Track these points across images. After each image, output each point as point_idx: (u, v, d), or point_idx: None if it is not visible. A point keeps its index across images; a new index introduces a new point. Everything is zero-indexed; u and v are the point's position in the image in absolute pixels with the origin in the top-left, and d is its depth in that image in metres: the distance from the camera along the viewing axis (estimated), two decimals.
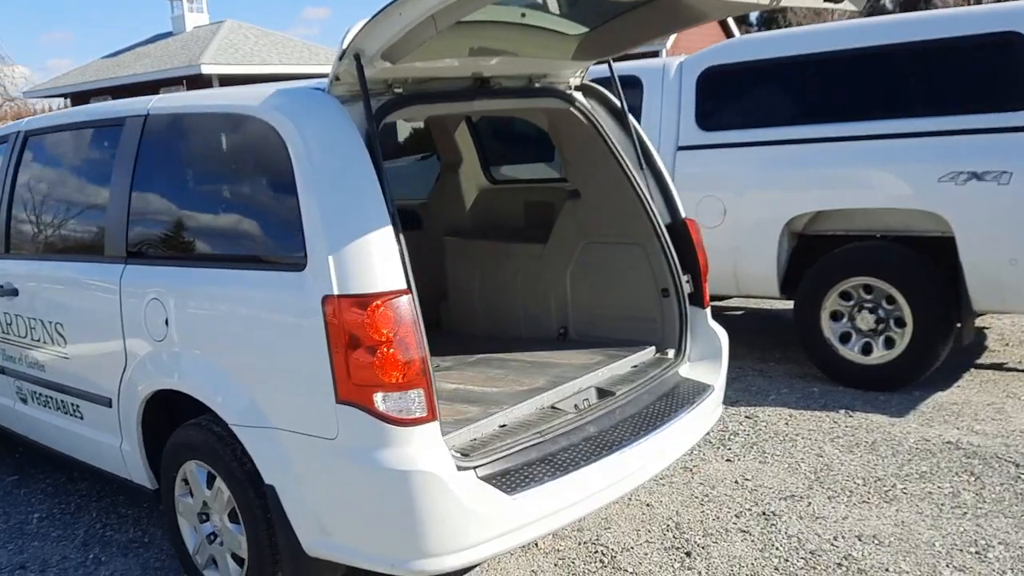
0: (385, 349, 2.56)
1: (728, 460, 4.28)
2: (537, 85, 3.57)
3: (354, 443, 2.62)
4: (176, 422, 3.24)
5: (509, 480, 2.74)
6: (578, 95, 3.71)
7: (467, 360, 3.91)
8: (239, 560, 3.08)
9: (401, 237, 2.67)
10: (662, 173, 3.72)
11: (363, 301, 2.57)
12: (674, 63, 5.80)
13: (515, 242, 4.32)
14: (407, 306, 2.60)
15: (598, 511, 3.40)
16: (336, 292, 2.59)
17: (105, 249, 3.43)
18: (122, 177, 3.37)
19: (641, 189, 3.65)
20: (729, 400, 5.06)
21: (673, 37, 24.35)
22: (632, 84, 5.92)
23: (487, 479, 2.73)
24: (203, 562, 3.26)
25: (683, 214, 3.73)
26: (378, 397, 2.57)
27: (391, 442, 2.58)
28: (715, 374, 3.62)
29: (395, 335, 2.58)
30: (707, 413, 3.46)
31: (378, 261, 2.60)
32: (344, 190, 2.67)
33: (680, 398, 3.42)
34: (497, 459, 2.81)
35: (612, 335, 3.93)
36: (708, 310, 3.75)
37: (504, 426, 3.06)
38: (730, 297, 5.74)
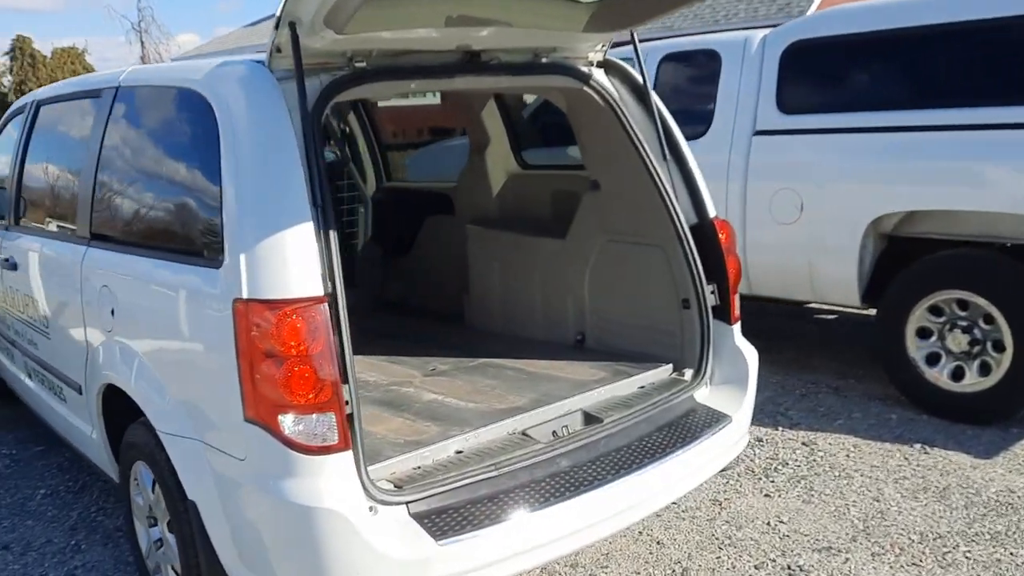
0: (294, 365, 2.22)
1: (767, 495, 3.74)
2: (544, 60, 3.12)
3: (260, 468, 2.31)
4: (135, 417, 3.03)
5: (443, 522, 2.37)
6: (597, 73, 3.23)
7: (466, 364, 3.54)
8: (178, 574, 2.84)
9: (332, 236, 2.32)
10: (688, 165, 3.20)
11: (272, 307, 2.24)
12: (757, 36, 5.16)
13: (534, 235, 3.89)
14: (323, 317, 2.25)
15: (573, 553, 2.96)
16: (245, 295, 2.27)
17: (76, 229, 3.26)
18: (91, 153, 3.17)
19: (662, 183, 3.15)
20: (788, 422, 4.49)
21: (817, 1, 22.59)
22: (710, 59, 5.34)
23: (420, 517, 2.37)
24: (152, 567, 3.05)
25: (712, 213, 3.20)
26: (284, 419, 2.24)
27: (296, 471, 2.25)
28: (737, 402, 3.11)
29: (307, 349, 2.23)
30: (717, 449, 2.95)
31: (293, 263, 2.26)
32: (265, 179, 2.34)
33: (686, 429, 2.94)
34: (436, 494, 2.44)
35: (629, 347, 3.46)
36: (737, 327, 3.23)
37: (460, 452, 2.68)
38: (807, 303, 5.10)
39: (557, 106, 3.58)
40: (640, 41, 3.17)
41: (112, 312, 2.89)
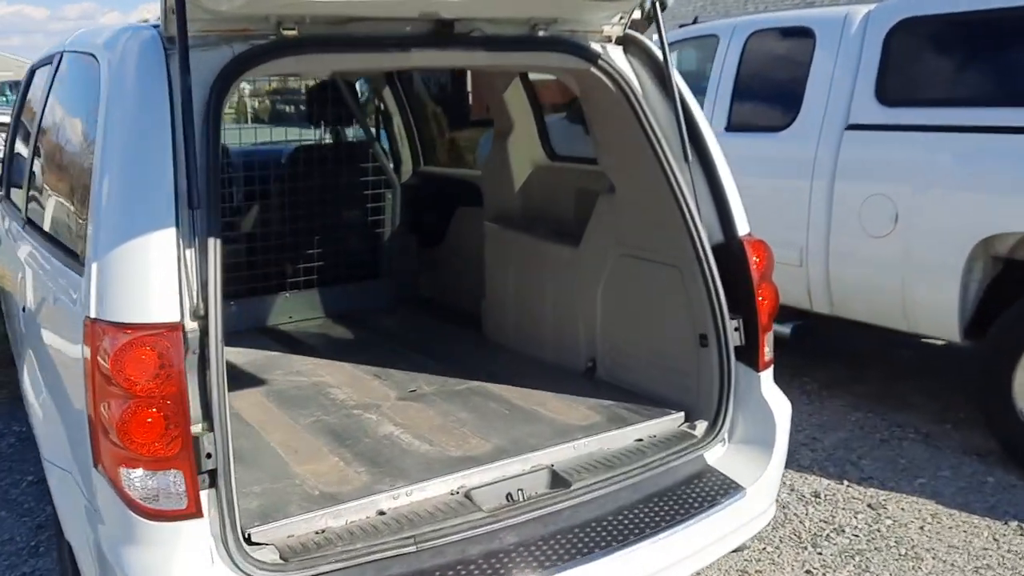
0: (137, 407, 1.78)
1: (808, 571, 3.07)
2: (542, 34, 2.54)
3: (108, 527, 1.90)
4: None
5: None
6: (613, 51, 2.63)
7: (452, 388, 3.05)
8: None
9: (211, 248, 1.86)
10: (716, 170, 2.56)
11: (117, 332, 1.80)
12: (859, 12, 4.37)
13: (550, 240, 3.33)
14: (178, 348, 1.80)
15: None
16: (92, 314, 1.84)
17: (21, 209, 2.95)
18: (34, 127, 2.86)
19: (680, 190, 2.53)
20: (858, 474, 3.77)
21: None
22: (803, 38, 4.59)
23: None
24: None
25: (742, 230, 2.56)
26: (126, 473, 1.81)
27: (140, 539, 1.83)
28: (757, 469, 2.48)
29: (156, 388, 1.79)
30: (720, 532, 2.34)
31: (146, 279, 1.81)
32: (128, 171, 1.90)
33: (682, 503, 2.34)
34: (332, 570, 1.96)
35: (641, 384, 2.88)
36: (767, 373, 2.59)
37: (383, 514, 2.19)
38: (898, 332, 4.30)
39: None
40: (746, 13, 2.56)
41: (24, 309, 2.55)
